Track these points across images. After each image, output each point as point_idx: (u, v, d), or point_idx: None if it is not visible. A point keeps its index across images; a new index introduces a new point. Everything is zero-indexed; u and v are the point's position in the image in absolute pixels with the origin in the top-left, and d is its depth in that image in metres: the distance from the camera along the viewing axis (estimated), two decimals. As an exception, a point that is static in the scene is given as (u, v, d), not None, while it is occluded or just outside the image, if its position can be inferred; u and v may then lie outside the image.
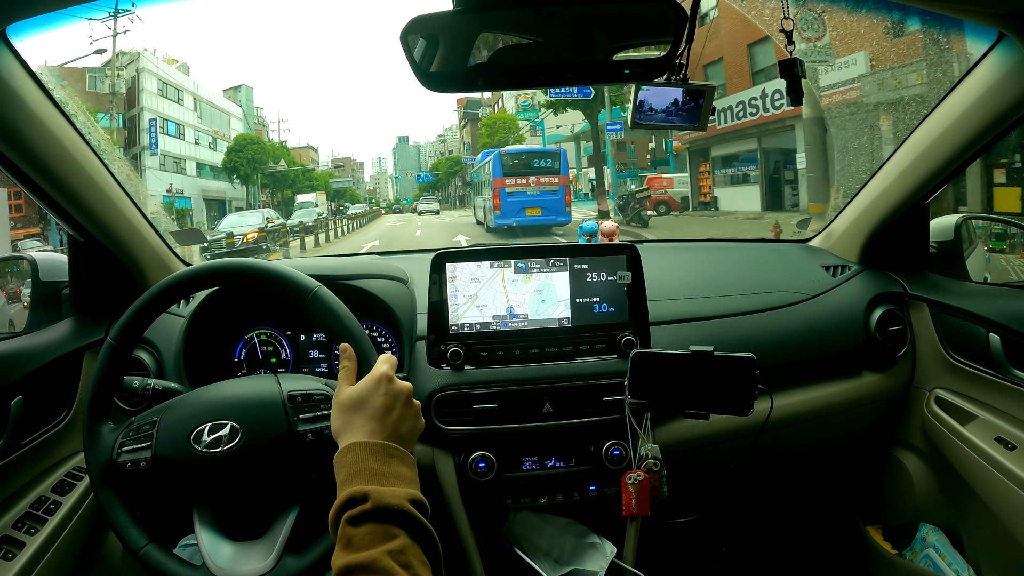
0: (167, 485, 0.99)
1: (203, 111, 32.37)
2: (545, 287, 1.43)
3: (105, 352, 1.01)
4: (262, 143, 35.20)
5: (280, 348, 1.54)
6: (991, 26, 1.12)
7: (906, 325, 1.61)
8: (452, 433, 1.38)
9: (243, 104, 41.84)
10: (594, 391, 1.40)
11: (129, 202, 1.41)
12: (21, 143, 1.12)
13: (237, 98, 42.11)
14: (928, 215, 1.68)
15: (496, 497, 1.41)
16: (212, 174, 32.04)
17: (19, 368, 1.23)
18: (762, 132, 16.31)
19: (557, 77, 1.05)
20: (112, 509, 0.97)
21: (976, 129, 1.33)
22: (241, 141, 34.14)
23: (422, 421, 0.90)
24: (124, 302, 1.09)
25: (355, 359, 0.93)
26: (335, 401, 0.88)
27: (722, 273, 1.77)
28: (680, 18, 0.95)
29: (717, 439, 1.48)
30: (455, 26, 0.99)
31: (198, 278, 1.03)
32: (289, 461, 0.99)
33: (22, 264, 1.69)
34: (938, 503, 1.59)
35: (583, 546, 1.42)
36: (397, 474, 0.79)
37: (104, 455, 0.98)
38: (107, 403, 1.02)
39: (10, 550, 1.16)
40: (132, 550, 0.95)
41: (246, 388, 1.03)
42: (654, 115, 1.18)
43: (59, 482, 1.29)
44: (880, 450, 1.75)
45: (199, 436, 0.96)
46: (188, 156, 29.64)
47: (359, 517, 0.73)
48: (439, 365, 1.41)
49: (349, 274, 1.48)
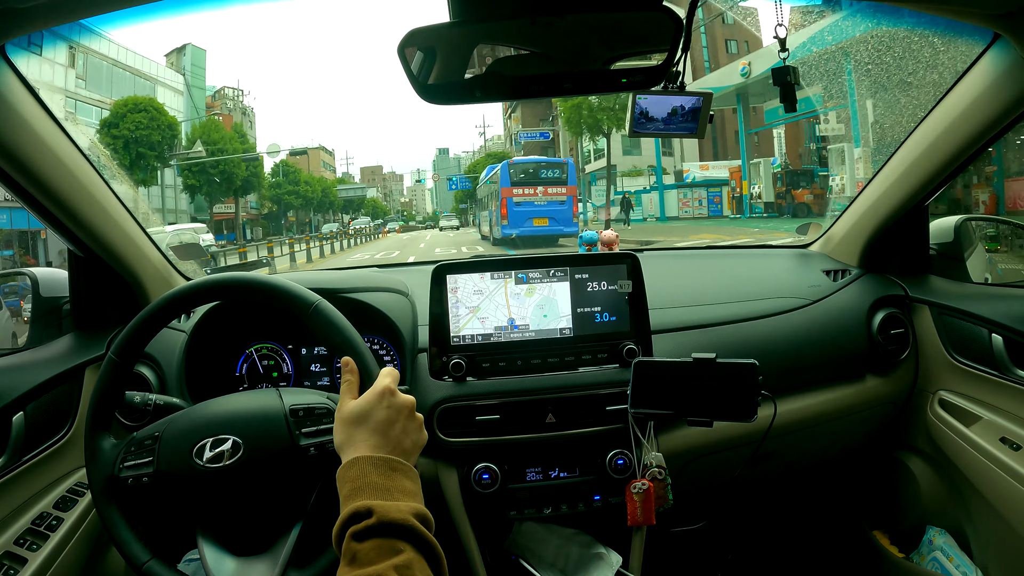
0: (169, 500, 0.99)
1: (91, 71, 22.63)
2: (548, 301, 1.43)
3: (106, 367, 1.01)
4: (158, 111, 22.32)
5: (282, 362, 1.53)
6: (986, 27, 1.12)
7: (908, 328, 1.61)
8: (455, 445, 1.38)
9: (188, 70, 31.58)
10: (597, 401, 1.39)
11: (129, 217, 1.41)
12: (20, 158, 1.12)
13: (181, 63, 31.87)
14: (927, 217, 1.69)
15: (500, 508, 1.41)
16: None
17: (20, 384, 1.22)
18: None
19: (554, 87, 1.05)
20: (114, 524, 0.96)
21: (973, 131, 1.33)
22: (121, 109, 21.67)
23: (425, 434, 0.90)
24: (124, 317, 1.09)
25: (357, 372, 0.93)
26: (337, 415, 0.88)
27: (723, 280, 1.77)
28: (676, 27, 0.95)
29: (721, 446, 1.48)
30: (452, 38, 0.99)
31: (199, 292, 1.03)
32: (291, 476, 0.98)
33: (23, 280, 1.69)
34: (944, 505, 1.58)
35: (588, 556, 1.41)
36: (401, 488, 0.79)
37: (106, 470, 0.97)
38: (108, 418, 1.02)
39: (12, 567, 1.15)
40: (135, 565, 0.95)
41: (248, 403, 1.03)
42: (652, 123, 1.18)
43: (61, 498, 1.28)
44: (885, 454, 1.74)
45: (201, 451, 0.96)
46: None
47: (364, 532, 0.72)
48: (441, 377, 1.40)
49: (350, 287, 1.48)
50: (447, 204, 68.93)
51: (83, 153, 1.25)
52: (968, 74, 1.30)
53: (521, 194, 16.23)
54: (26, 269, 1.56)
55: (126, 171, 15.13)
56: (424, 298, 1.43)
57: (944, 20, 1.12)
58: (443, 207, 76.89)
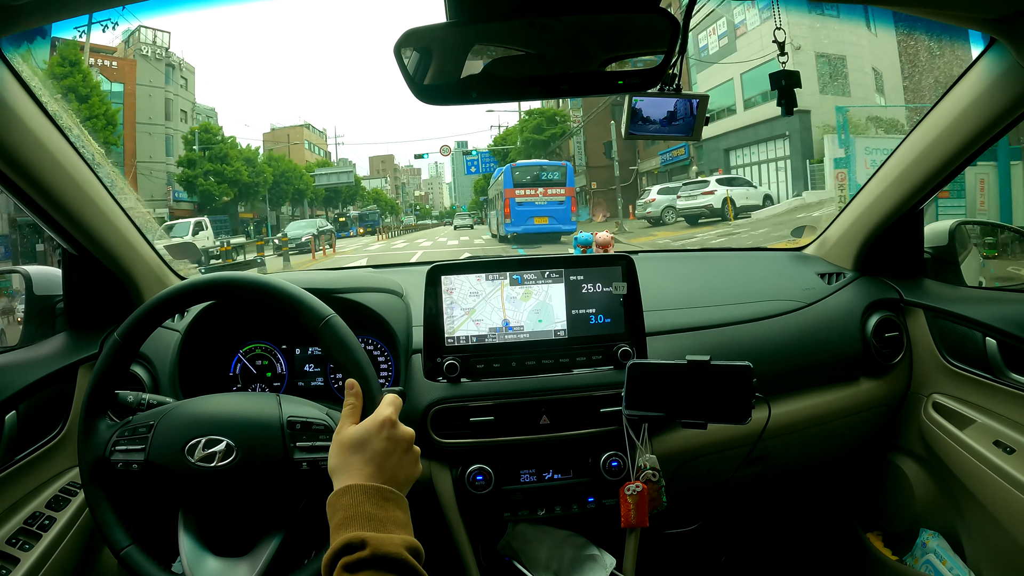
0: (156, 491, 0.99)
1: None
2: (543, 303, 1.43)
3: (110, 347, 1.01)
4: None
5: (275, 362, 1.53)
6: (982, 31, 1.13)
7: (902, 331, 1.62)
8: (449, 446, 1.38)
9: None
10: (591, 402, 1.39)
11: (123, 215, 1.41)
12: (14, 156, 1.11)
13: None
14: (922, 221, 1.69)
15: (494, 510, 1.40)
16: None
17: (12, 383, 1.22)
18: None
19: (551, 88, 1.05)
20: (99, 506, 0.97)
21: (968, 134, 1.33)
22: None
23: (419, 468, 0.90)
24: (118, 316, 1.09)
25: (361, 396, 0.93)
26: (336, 438, 0.88)
27: (717, 282, 1.77)
28: (673, 28, 0.95)
29: (715, 448, 1.48)
30: (448, 38, 0.99)
31: (219, 287, 1.04)
32: (280, 486, 0.98)
33: (15, 278, 1.68)
34: (938, 508, 1.59)
35: (582, 558, 1.41)
36: (393, 519, 0.79)
37: (97, 451, 0.98)
38: (106, 399, 1.02)
39: (4, 566, 1.15)
40: (114, 549, 0.95)
41: (246, 406, 1.03)
42: (648, 125, 1.18)
43: (53, 497, 1.28)
44: (879, 456, 1.75)
45: (193, 448, 0.96)
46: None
47: (356, 564, 0.72)
48: (435, 378, 1.40)
49: (344, 287, 1.47)
50: (466, 197, 64.64)
51: (78, 151, 1.24)
52: (964, 78, 1.30)
53: (523, 195, 17.44)
54: (20, 267, 1.55)
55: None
56: (419, 299, 1.43)
57: (940, 24, 1.12)
58: (462, 200, 72.31)
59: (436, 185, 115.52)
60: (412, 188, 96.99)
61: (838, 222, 1.80)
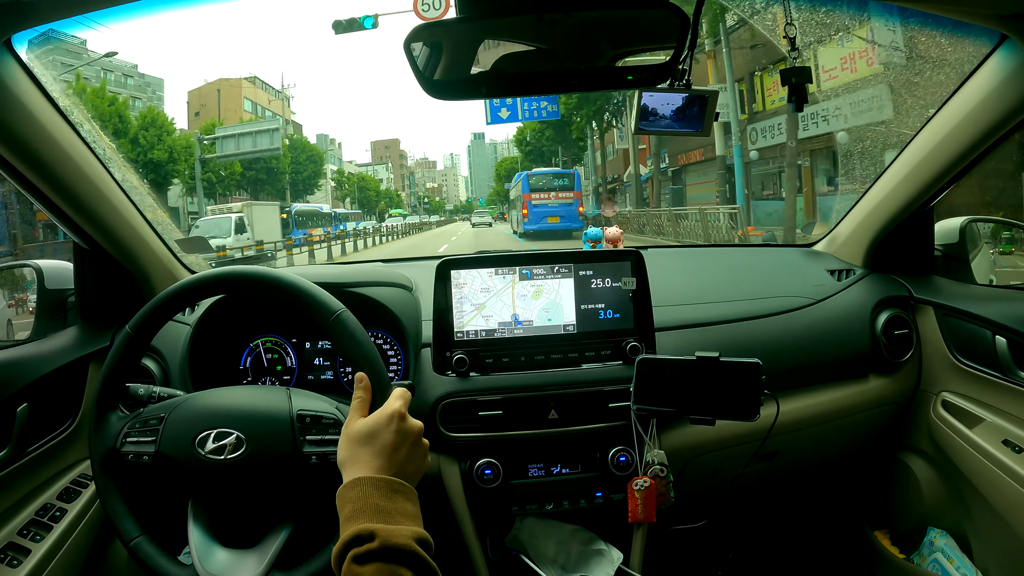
0: (166, 482, 1.00)
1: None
2: (553, 302, 1.43)
3: (121, 340, 1.01)
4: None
5: (285, 356, 1.54)
6: (993, 28, 1.12)
7: (912, 329, 1.61)
8: (458, 440, 1.38)
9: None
10: (600, 397, 1.39)
11: (134, 209, 1.41)
12: (26, 151, 1.12)
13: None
14: (932, 218, 1.68)
15: (502, 504, 1.41)
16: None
17: (24, 376, 1.23)
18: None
19: (560, 84, 1.05)
20: (109, 497, 0.98)
21: (979, 132, 1.32)
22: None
23: (428, 461, 0.91)
24: (130, 310, 1.09)
25: (370, 390, 0.93)
26: (345, 431, 0.88)
27: (727, 278, 1.77)
28: (683, 24, 0.94)
29: (723, 445, 1.48)
30: (458, 33, 0.99)
31: (233, 280, 1.05)
32: (289, 479, 0.99)
33: (28, 272, 1.70)
34: (946, 507, 1.58)
35: (590, 553, 1.41)
36: (403, 511, 0.79)
37: (108, 442, 0.99)
38: (118, 391, 1.03)
39: (16, 557, 1.16)
40: (123, 540, 0.96)
41: (256, 399, 1.03)
42: (658, 120, 1.18)
43: (64, 489, 1.29)
44: (887, 454, 1.74)
45: (204, 441, 0.97)
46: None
47: (366, 556, 0.72)
48: (444, 372, 1.40)
49: (354, 281, 1.48)
50: (483, 190, 59.19)
51: (88, 145, 1.25)
52: (975, 75, 1.29)
53: (538, 198, 21.81)
54: (31, 261, 1.57)
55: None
56: (429, 293, 1.44)
57: (951, 21, 1.12)
58: (479, 193, 67.14)
59: (451, 177, 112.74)
60: (423, 181, 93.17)
61: (848, 219, 1.79)
